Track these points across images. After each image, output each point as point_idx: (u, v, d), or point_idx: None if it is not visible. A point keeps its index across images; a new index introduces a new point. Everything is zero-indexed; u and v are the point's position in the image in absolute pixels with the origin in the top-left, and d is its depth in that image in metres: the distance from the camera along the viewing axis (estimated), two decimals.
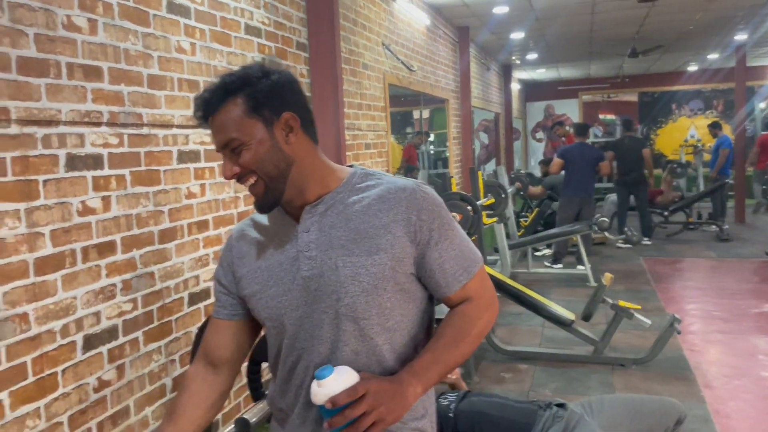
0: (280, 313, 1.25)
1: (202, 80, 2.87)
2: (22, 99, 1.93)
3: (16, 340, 1.89)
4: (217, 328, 1.37)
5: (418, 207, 1.21)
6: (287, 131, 1.20)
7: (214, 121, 1.19)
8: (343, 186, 1.26)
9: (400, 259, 1.20)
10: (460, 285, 1.26)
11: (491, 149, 11.53)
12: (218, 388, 1.36)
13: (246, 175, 1.20)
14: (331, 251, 1.20)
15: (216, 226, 2.98)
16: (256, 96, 1.17)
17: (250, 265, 1.30)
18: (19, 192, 1.91)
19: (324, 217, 1.23)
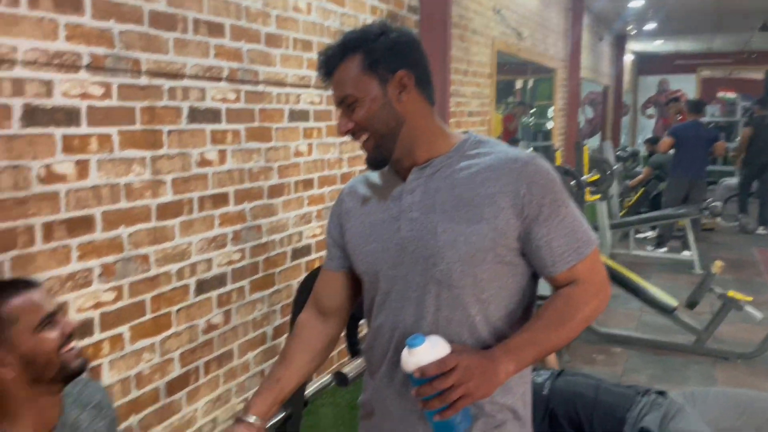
0: (375, 269, 1.26)
1: (315, 40, 2.91)
2: (152, 51, 2.03)
3: (137, 278, 2.03)
4: (326, 279, 1.41)
5: (529, 179, 1.17)
6: (400, 89, 1.20)
7: (334, 78, 1.21)
8: (454, 151, 1.24)
9: (502, 232, 1.17)
10: (567, 266, 1.20)
11: (596, 123, 11.06)
12: (326, 336, 1.41)
13: (359, 132, 1.21)
14: (432, 215, 1.20)
15: (320, 186, 3.05)
16: (372, 53, 1.18)
17: (355, 219, 1.32)
18: (145, 140, 2.03)
19: (430, 180, 1.22)
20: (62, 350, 1.30)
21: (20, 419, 1.30)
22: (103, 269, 1.90)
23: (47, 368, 1.28)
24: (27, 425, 1.30)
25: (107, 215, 1.90)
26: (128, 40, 1.93)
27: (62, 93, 1.74)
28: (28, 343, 1.27)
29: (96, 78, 1.84)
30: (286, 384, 1.35)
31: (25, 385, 1.28)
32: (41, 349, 1.28)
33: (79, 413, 1.42)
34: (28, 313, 1.28)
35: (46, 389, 1.31)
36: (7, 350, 1.26)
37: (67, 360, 1.30)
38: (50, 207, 1.72)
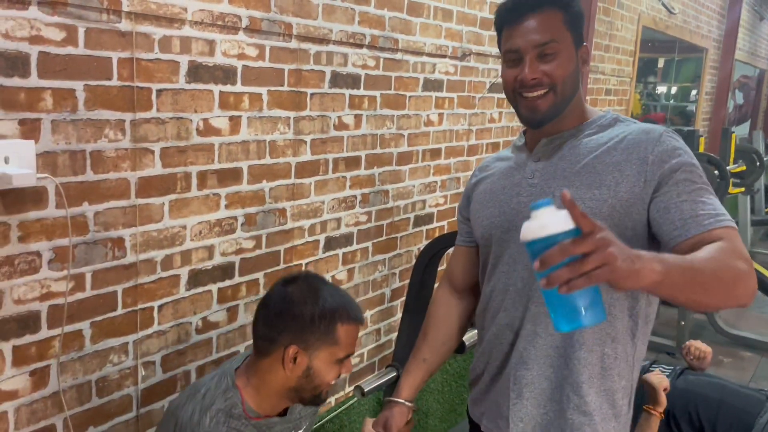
0: (489, 232, 1.29)
1: (455, 10, 2.91)
2: (302, 17, 2.13)
3: (274, 230, 2.17)
4: (458, 254, 1.46)
5: (661, 147, 1.14)
6: (583, 60, 1.23)
7: (531, 19, 1.18)
8: (587, 124, 1.25)
9: (623, 199, 1.13)
10: (702, 229, 1.03)
11: (746, 110, 10.16)
12: (463, 312, 1.47)
13: (545, 84, 1.19)
14: (552, 181, 1.20)
15: (447, 156, 3.07)
16: (572, 16, 1.20)
17: (480, 190, 1.37)
18: (291, 101, 2.15)
19: (558, 149, 1.23)
20: None
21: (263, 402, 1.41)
22: (246, 219, 2.05)
23: (313, 391, 1.39)
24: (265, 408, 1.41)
25: (253, 169, 2.04)
26: (282, 4, 2.04)
27: (222, 53, 1.88)
28: (324, 365, 1.36)
29: (252, 40, 1.96)
30: (431, 363, 1.43)
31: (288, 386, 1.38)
32: (325, 376, 1.37)
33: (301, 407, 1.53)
34: (345, 346, 1.37)
35: (293, 398, 1.41)
36: (308, 356, 1.35)
37: (326, 393, 1.41)
38: (205, 157, 1.88)
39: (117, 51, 1.61)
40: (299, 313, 1.35)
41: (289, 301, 1.37)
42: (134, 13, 1.63)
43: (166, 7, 1.70)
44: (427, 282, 2.65)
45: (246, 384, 1.40)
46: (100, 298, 1.67)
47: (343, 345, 1.36)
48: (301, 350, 1.34)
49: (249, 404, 1.38)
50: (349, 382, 2.70)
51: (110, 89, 1.61)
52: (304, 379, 1.36)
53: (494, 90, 3.34)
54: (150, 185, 1.74)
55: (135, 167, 1.69)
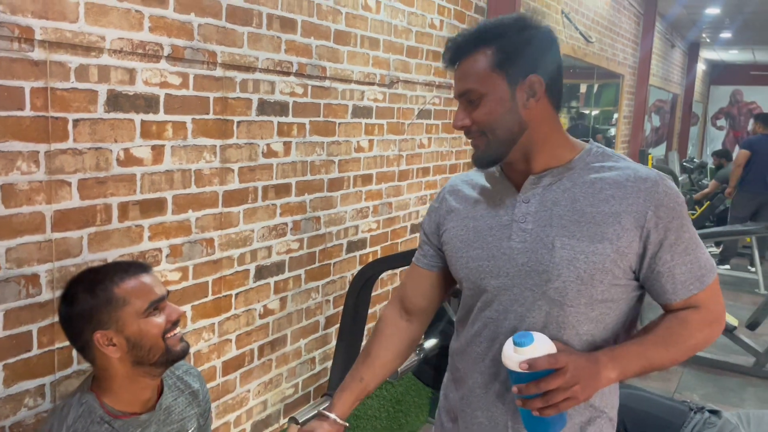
0: (479, 277, 1.20)
1: (382, 39, 2.96)
2: (227, 45, 2.11)
3: (202, 261, 2.12)
4: (416, 276, 1.37)
5: (657, 201, 1.10)
6: (529, 95, 1.12)
7: (460, 68, 1.15)
8: (576, 162, 1.16)
9: (623, 254, 1.10)
10: (688, 294, 1.14)
11: (662, 132, 10.74)
12: (410, 336, 1.38)
13: (475, 131, 1.15)
14: (549, 228, 1.13)
15: (378, 182, 3.09)
16: (506, 50, 1.10)
17: (457, 221, 1.26)
18: (217, 129, 2.12)
19: (548, 190, 1.15)
20: (167, 335, 1.36)
21: (121, 396, 1.37)
22: (171, 250, 1.99)
23: (151, 351, 1.34)
24: (127, 402, 1.38)
25: (177, 199, 1.99)
26: (206, 32, 2.02)
27: (144, 81, 1.84)
28: (135, 325, 1.32)
29: (175, 68, 1.93)
30: (368, 383, 1.34)
31: (129, 365, 1.35)
32: (147, 332, 1.33)
33: (176, 397, 1.49)
34: (138, 296, 1.33)
35: (148, 371, 1.37)
36: (116, 330, 1.32)
37: (171, 345, 1.36)
38: (127, 188, 1.82)
39: (30, 80, 1.55)
40: (80, 308, 1.33)
41: (68, 306, 1.35)
42: (48, 42, 1.57)
43: (83, 35, 1.65)
44: (361, 308, 2.64)
45: (99, 387, 1.37)
46: (13, 338, 1.58)
47: (135, 298, 1.32)
48: (106, 331, 1.32)
49: (109, 405, 1.35)
50: (284, 414, 2.65)
51: (22, 120, 1.54)
52: (136, 350, 1.33)
53: (423, 116, 3.41)
54: (67, 218, 1.67)
55: (50, 200, 1.62)
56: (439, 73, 3.50)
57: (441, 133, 3.63)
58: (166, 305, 1.39)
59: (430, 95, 3.45)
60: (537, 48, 1.12)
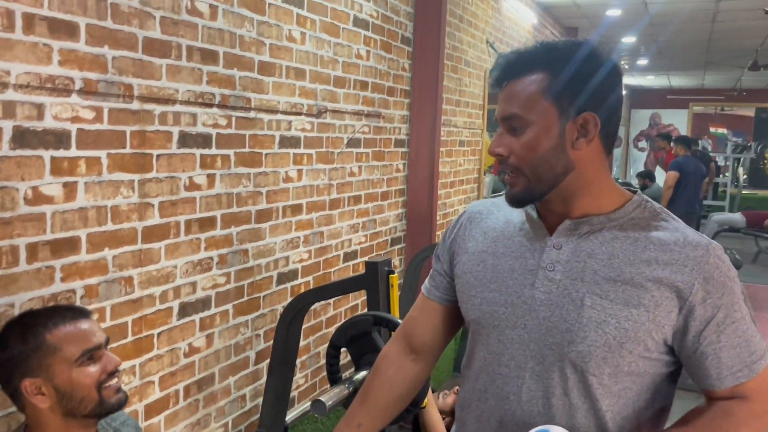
0: (491, 323, 1.07)
1: (308, 69, 2.96)
2: (144, 77, 2.06)
3: (120, 300, 2.04)
4: (425, 310, 1.21)
5: (707, 274, 0.97)
6: (580, 134, 0.99)
7: (507, 88, 1.02)
8: (620, 212, 1.03)
9: (660, 324, 0.98)
10: (735, 382, 1.00)
11: None
12: (415, 377, 1.22)
13: (514, 162, 1.02)
14: (580, 283, 1.00)
15: (309, 211, 3.07)
16: (563, 78, 0.98)
17: (474, 254, 1.12)
18: (134, 164, 2.05)
19: (584, 240, 1.02)
20: (103, 385, 1.28)
21: None
22: (86, 291, 1.91)
23: (83, 403, 1.26)
24: None
25: (92, 237, 1.91)
26: (121, 65, 1.97)
27: (53, 116, 1.77)
28: (66, 374, 1.25)
29: (87, 102, 1.87)
30: (367, 429, 1.19)
31: (60, 416, 1.27)
32: (79, 382, 1.25)
33: None
34: (71, 343, 1.26)
35: (80, 423, 1.29)
36: (45, 379, 1.24)
37: (106, 396, 1.28)
38: (36, 228, 1.73)
39: None
40: (9, 353, 1.27)
41: None
42: None
43: None
44: (292, 341, 2.59)
45: None
46: None
47: (68, 345, 1.26)
48: (35, 380, 1.25)
49: None
50: None
51: None
52: (66, 400, 1.26)
53: (353, 145, 3.42)
54: None
55: None
56: (367, 102, 3.53)
57: (372, 161, 3.65)
58: (103, 354, 1.31)
59: (359, 124, 3.47)
60: (599, 83, 0.99)
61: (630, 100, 15.16)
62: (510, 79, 1.02)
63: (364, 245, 3.65)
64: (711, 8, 6.66)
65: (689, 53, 9.64)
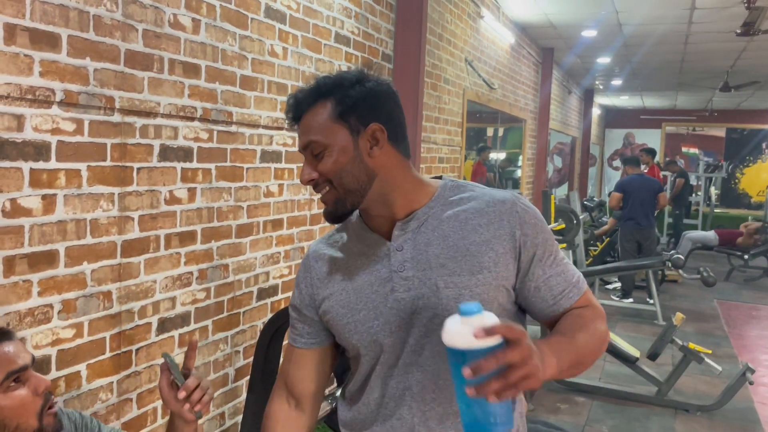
0: (372, 339, 1.15)
1: (290, 84, 2.97)
2: (126, 90, 2.05)
3: (98, 315, 2.00)
4: (297, 359, 1.27)
5: (520, 221, 1.13)
6: (372, 143, 1.12)
7: (302, 122, 1.13)
8: (435, 200, 1.17)
9: (504, 278, 1.12)
10: (571, 302, 1.16)
11: (564, 173, 11.31)
12: (303, 425, 1.28)
13: (322, 183, 1.13)
14: (429, 271, 1.11)
15: (290, 226, 3.06)
16: (345, 101, 1.11)
17: (333, 286, 1.19)
18: (115, 177, 2.03)
19: (418, 234, 1.14)
20: (45, 412, 1.22)
21: None
22: (64, 305, 1.87)
23: (18, 429, 1.20)
24: None
25: (71, 251, 1.88)
26: (103, 77, 1.95)
27: (33, 128, 1.74)
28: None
29: (68, 114, 1.84)
30: None
31: None
32: (8, 407, 1.18)
33: None
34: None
35: None
36: None
37: (47, 424, 1.22)
38: (13, 241, 1.70)
39: None
40: None
41: None
42: None
43: None
44: (273, 357, 2.56)
45: None
46: None
47: None
48: None
49: None
50: None
51: None
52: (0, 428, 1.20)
53: None
54: None
55: None
56: None
57: None
58: (30, 375, 1.23)
59: None
60: (376, 98, 1.13)
61: (604, 120, 15.43)
62: (303, 113, 1.13)
63: None
64: (683, 30, 6.83)
65: (662, 74, 9.86)
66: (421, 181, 1.19)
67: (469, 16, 5.46)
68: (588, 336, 1.11)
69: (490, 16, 5.88)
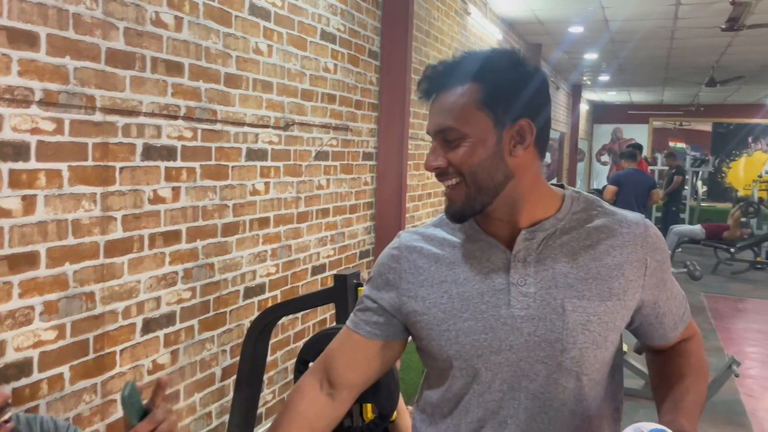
0: (474, 353, 1.02)
1: (275, 82, 2.95)
2: (107, 89, 2.03)
3: (81, 317, 1.98)
4: (349, 343, 1.14)
5: (653, 246, 1.05)
6: (517, 141, 0.99)
7: (437, 100, 1.01)
8: (563, 211, 1.05)
9: (629, 308, 1.03)
10: (685, 325, 1.13)
11: (553, 168, 11.35)
12: (330, 414, 1.14)
13: (452, 174, 1.01)
14: (555, 290, 1.00)
15: (276, 225, 3.04)
16: (496, 88, 0.97)
17: (432, 285, 1.06)
18: (96, 177, 2.01)
19: (544, 246, 1.02)
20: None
21: None
22: (45, 307, 1.85)
23: None
24: None
25: (52, 252, 1.86)
26: (83, 76, 1.93)
27: (12, 128, 1.72)
28: None
29: (48, 113, 1.82)
30: None
31: None
32: None
33: None
34: None
35: None
36: None
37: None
38: None
39: None
40: None
41: None
42: None
43: None
44: (259, 357, 2.55)
45: None
46: None
47: None
48: None
49: None
50: None
51: None
52: None
53: (321, 158, 3.41)
54: None
55: None
56: (335, 115, 3.53)
57: (340, 174, 3.64)
58: None
59: (327, 137, 3.47)
60: (530, 90, 0.99)
61: (592, 115, 15.49)
62: (440, 91, 1.01)
63: (333, 258, 3.63)
64: (669, 26, 6.86)
65: (649, 69, 9.91)
66: (550, 188, 1.07)
67: (456, 12, 5.46)
68: (704, 385, 1.11)
69: (477, 12, 5.87)
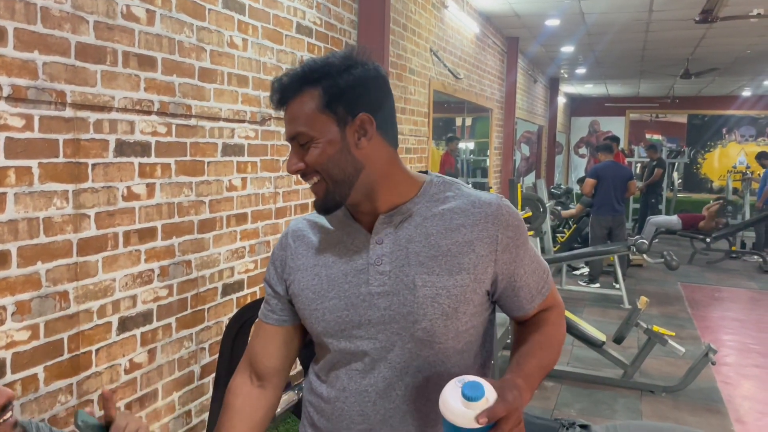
0: (339, 328, 1.13)
1: (251, 76, 2.92)
2: (78, 84, 1.99)
3: (55, 316, 1.95)
4: (265, 335, 1.23)
5: (504, 223, 1.12)
6: (360, 134, 1.08)
7: (288, 109, 1.10)
8: (420, 196, 1.15)
9: (481, 280, 1.11)
10: (543, 298, 1.20)
11: (532, 161, 11.41)
12: (265, 403, 1.24)
13: (310, 174, 1.11)
14: (407, 268, 1.10)
15: (254, 220, 3.02)
16: (333, 91, 1.06)
17: (306, 269, 1.18)
18: (68, 174, 1.97)
19: (400, 229, 1.12)
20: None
21: None
22: (18, 307, 1.81)
23: None
24: None
25: (23, 251, 1.82)
26: (53, 71, 1.89)
27: None
28: None
29: (16, 109, 1.78)
30: None
31: None
32: None
33: None
34: None
35: None
36: None
37: None
38: None
39: None
40: None
41: None
42: None
43: None
44: (238, 353, 2.53)
45: None
46: None
47: None
48: None
49: None
50: None
51: None
52: None
53: None
54: None
55: None
56: None
57: None
58: None
59: None
60: (364, 86, 1.08)
61: (570, 108, 15.60)
62: (288, 100, 1.09)
63: None
64: (644, 18, 6.93)
65: (625, 62, 9.99)
66: (407, 174, 1.16)
67: (434, 5, 5.45)
68: (554, 353, 1.18)
69: (454, 5, 5.87)
